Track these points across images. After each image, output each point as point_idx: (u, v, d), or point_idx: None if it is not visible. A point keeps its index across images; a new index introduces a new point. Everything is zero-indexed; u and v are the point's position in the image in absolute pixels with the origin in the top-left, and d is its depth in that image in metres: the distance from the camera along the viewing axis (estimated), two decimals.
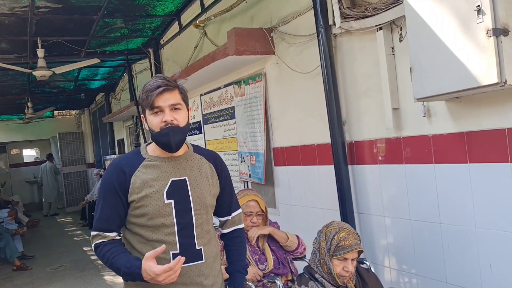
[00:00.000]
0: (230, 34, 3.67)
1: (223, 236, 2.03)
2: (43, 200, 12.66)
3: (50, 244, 8.32)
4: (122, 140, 9.99)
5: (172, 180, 1.74)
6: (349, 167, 3.08)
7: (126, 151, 9.62)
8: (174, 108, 1.70)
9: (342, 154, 3.04)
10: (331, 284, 2.12)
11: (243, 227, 2.05)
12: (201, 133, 5.50)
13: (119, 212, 1.74)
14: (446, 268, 2.51)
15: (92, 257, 6.90)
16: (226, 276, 1.98)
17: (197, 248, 1.76)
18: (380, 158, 2.88)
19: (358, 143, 3.04)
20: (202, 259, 1.77)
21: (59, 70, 5.89)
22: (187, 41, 5.58)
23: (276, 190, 4.03)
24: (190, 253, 1.73)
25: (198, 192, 1.78)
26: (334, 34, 3.07)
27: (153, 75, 1.94)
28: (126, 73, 8.23)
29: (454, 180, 2.40)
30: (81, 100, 11.11)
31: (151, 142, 1.81)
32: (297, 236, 2.80)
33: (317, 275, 2.15)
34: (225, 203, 1.94)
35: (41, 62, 5.66)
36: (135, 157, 1.78)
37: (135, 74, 7.87)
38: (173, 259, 1.67)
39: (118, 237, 1.77)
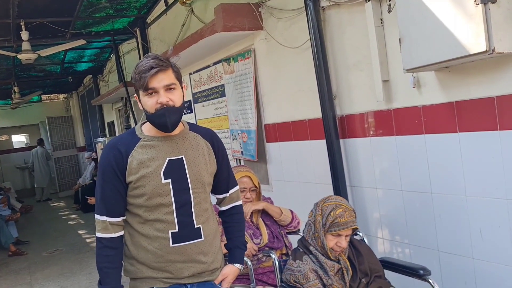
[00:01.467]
0: (217, 10, 3.62)
1: (221, 213, 2.04)
2: (35, 185, 12.59)
3: (44, 229, 8.32)
4: (112, 122, 9.91)
5: (169, 160, 1.73)
6: (341, 141, 3.09)
7: (117, 134, 9.57)
8: (168, 88, 1.67)
9: (334, 128, 3.05)
10: (324, 256, 2.15)
11: (241, 204, 2.06)
12: (192, 112, 5.47)
13: (121, 193, 1.73)
14: (438, 236, 2.55)
15: (87, 240, 6.93)
16: (225, 251, 2.00)
17: (195, 226, 1.77)
18: (371, 130, 2.89)
19: (349, 116, 3.05)
20: (201, 237, 1.78)
21: (44, 52, 5.79)
22: (174, 19, 5.49)
23: (268, 166, 4.04)
24: (189, 231, 1.75)
25: (195, 170, 1.77)
26: (323, 7, 3.04)
27: (144, 55, 1.89)
28: (113, 54, 8.11)
29: (445, 150, 2.43)
30: (68, 83, 10.96)
31: (145, 122, 1.79)
32: (291, 211, 2.82)
33: (311, 247, 2.19)
34: (223, 180, 1.94)
35: (25, 45, 5.55)
36: (130, 137, 1.76)
37: (123, 55, 7.76)
38: (172, 238, 1.73)
39: (121, 224, 1.78)
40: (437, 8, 2.05)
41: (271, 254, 2.48)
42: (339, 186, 3.05)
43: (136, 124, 7.22)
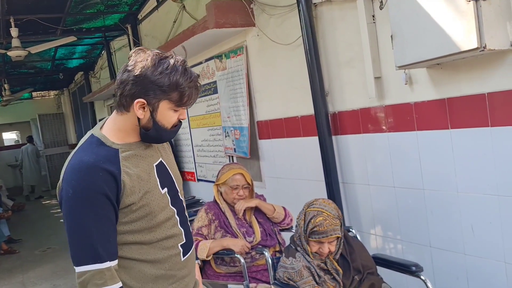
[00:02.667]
0: (209, 7, 3.60)
1: None
2: (24, 182, 12.47)
3: (36, 227, 8.28)
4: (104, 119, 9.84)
5: (155, 166, 1.48)
6: (333, 137, 3.09)
7: None
8: None
9: (326, 125, 3.05)
10: (309, 257, 2.16)
11: None
12: None
13: (115, 226, 1.37)
14: (430, 232, 2.57)
15: None
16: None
17: (190, 231, 1.61)
18: (363, 127, 2.90)
19: (342, 113, 3.05)
20: (193, 243, 1.63)
21: (34, 49, 5.72)
22: (165, 16, 5.46)
23: (261, 163, 4.04)
24: (189, 239, 1.56)
25: (174, 171, 1.58)
26: (315, 3, 3.03)
27: (184, 67, 1.36)
28: (104, 51, 8.05)
29: (436, 146, 2.44)
30: (59, 80, 10.88)
31: (100, 127, 1.49)
32: (284, 208, 2.83)
33: (298, 248, 2.20)
34: None
35: (15, 42, 5.49)
36: (105, 151, 1.39)
37: (114, 51, 7.70)
38: (182, 250, 1.51)
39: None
40: (428, 5, 2.06)
41: (264, 252, 2.49)
42: (331, 182, 3.05)
43: None
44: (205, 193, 4.93)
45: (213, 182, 2.81)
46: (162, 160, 1.53)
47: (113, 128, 1.46)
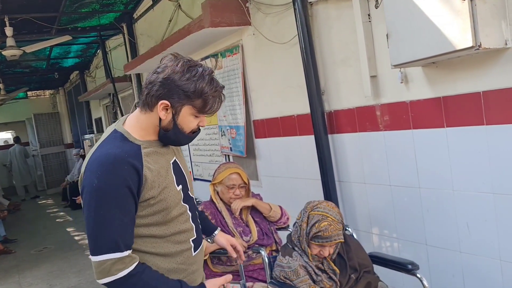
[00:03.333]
0: (204, 5, 3.60)
1: None
2: (14, 183, 12.39)
3: (32, 226, 8.25)
4: (100, 118, 9.83)
5: (171, 164, 1.56)
6: (329, 136, 3.10)
7: (104, 130, 9.47)
8: None
9: (322, 123, 3.05)
10: (307, 257, 2.16)
11: None
12: None
13: (134, 218, 1.44)
14: (426, 230, 2.58)
15: (76, 238, 6.89)
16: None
17: (199, 227, 1.68)
18: (359, 126, 2.90)
19: (338, 112, 3.05)
20: (202, 240, 1.70)
21: (29, 49, 5.70)
22: (161, 15, 5.44)
23: (257, 162, 4.04)
24: (199, 235, 1.64)
25: (186, 170, 1.66)
26: (310, 2, 3.03)
27: (211, 77, 1.44)
28: (100, 50, 8.02)
29: (432, 144, 2.44)
30: (55, 79, 10.83)
31: (123, 123, 1.55)
32: (280, 207, 2.83)
33: (296, 248, 2.20)
34: None
35: (10, 41, 5.46)
36: (129, 147, 1.46)
37: (110, 50, 7.68)
38: (193, 246, 1.58)
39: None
40: (424, 4, 2.06)
41: (260, 251, 2.49)
42: (327, 181, 3.06)
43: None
44: (202, 192, 4.92)
45: (210, 181, 2.81)
46: (176, 159, 1.60)
47: (135, 125, 1.52)
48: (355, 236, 2.51)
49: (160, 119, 1.47)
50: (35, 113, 12.37)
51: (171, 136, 1.50)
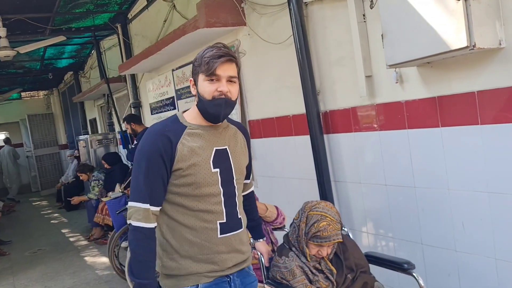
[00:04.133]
0: (200, 6, 3.59)
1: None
2: (8, 185, 12.32)
3: (26, 228, 8.19)
4: (94, 119, 9.79)
5: (216, 149, 1.73)
6: (325, 136, 3.10)
7: (99, 131, 9.45)
8: (230, 80, 1.69)
9: (318, 123, 3.06)
10: (305, 257, 2.16)
11: None
12: (175, 108, 5.42)
13: (164, 181, 1.68)
14: (421, 230, 2.59)
15: (71, 239, 6.85)
16: None
17: (238, 217, 1.79)
18: (354, 126, 2.91)
19: (333, 112, 3.06)
20: (242, 227, 1.80)
21: (23, 49, 5.68)
22: (156, 15, 5.43)
23: (253, 162, 4.02)
24: (234, 222, 1.76)
25: (238, 161, 1.80)
26: (305, 2, 3.03)
27: (215, 47, 1.71)
28: (94, 50, 8.00)
29: (427, 144, 2.45)
30: (49, 80, 10.78)
31: (187, 110, 1.79)
32: (276, 207, 2.82)
33: (293, 248, 2.20)
34: (248, 170, 2.00)
35: (3, 42, 5.43)
36: (176, 125, 1.72)
37: (104, 51, 7.65)
38: (220, 228, 1.71)
39: (158, 215, 1.71)
40: (418, 4, 2.07)
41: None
42: (323, 181, 3.06)
43: (119, 121, 7.16)
44: None
45: None
46: (227, 148, 1.77)
47: (191, 111, 1.78)
48: (351, 235, 2.51)
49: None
50: (29, 114, 12.30)
51: (201, 108, 1.70)
